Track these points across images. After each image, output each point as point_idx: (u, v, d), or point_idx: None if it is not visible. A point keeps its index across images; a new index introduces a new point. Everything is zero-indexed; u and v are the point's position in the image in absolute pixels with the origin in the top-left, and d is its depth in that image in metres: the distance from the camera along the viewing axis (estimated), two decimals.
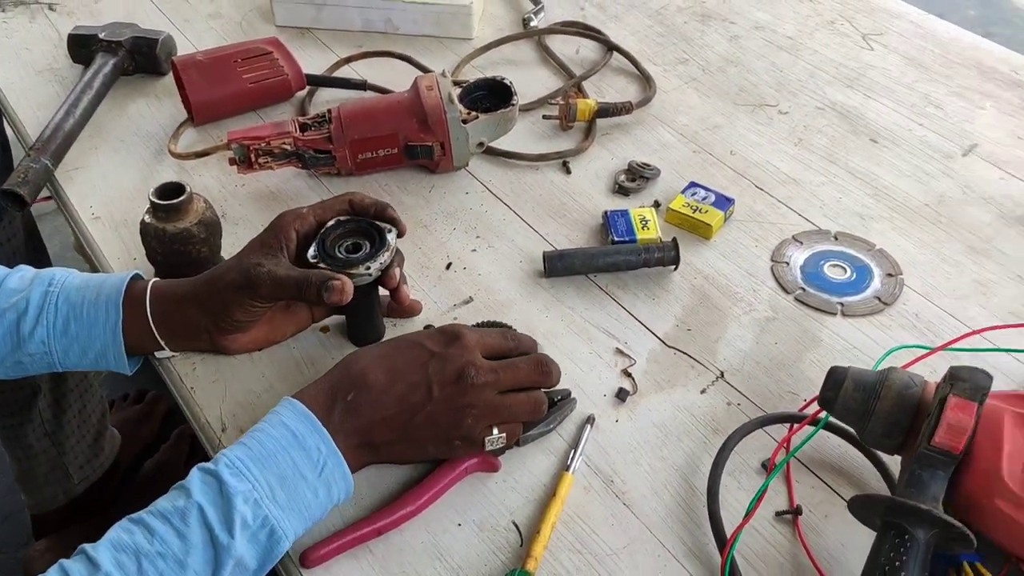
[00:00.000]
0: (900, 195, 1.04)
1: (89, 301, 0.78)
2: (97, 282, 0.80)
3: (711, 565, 0.70)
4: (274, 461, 0.65)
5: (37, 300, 0.78)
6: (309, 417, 0.67)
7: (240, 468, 0.64)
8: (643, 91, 1.20)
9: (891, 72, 1.23)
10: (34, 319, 0.77)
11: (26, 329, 0.77)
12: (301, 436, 0.66)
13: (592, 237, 0.99)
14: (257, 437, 0.66)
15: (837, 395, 0.70)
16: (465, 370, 0.70)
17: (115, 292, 0.78)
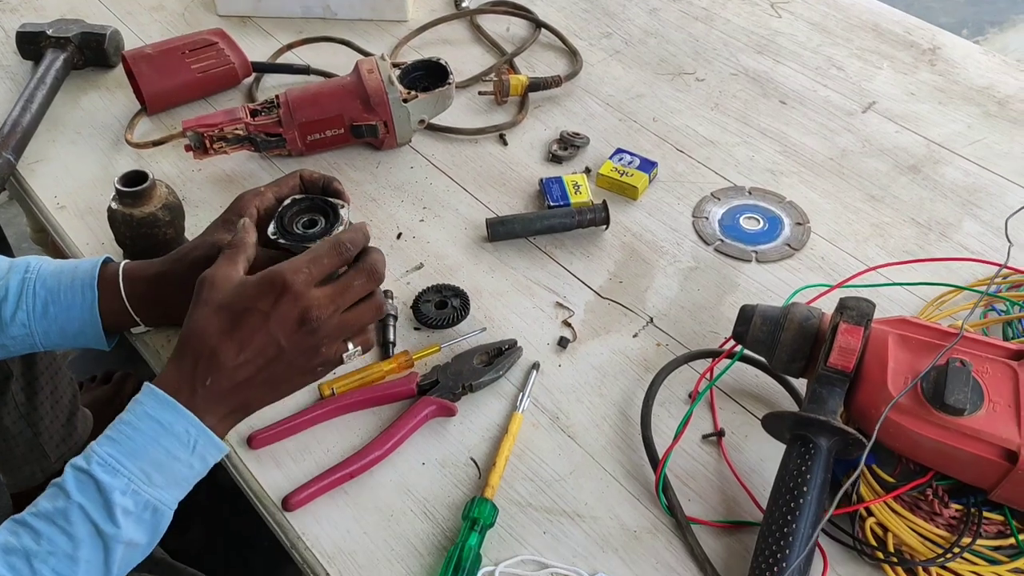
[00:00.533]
0: (807, 151, 1.14)
1: (65, 285, 0.84)
2: (71, 267, 0.85)
3: (647, 483, 0.80)
4: (146, 452, 0.68)
5: (16, 287, 0.83)
6: (173, 405, 0.69)
7: (113, 464, 0.66)
8: (571, 65, 1.28)
9: (797, 37, 1.33)
10: (14, 304, 0.82)
11: (7, 314, 0.82)
12: (168, 424, 0.69)
13: (530, 203, 1.07)
14: (126, 432, 0.68)
15: (748, 329, 0.80)
16: (304, 315, 0.71)
17: (89, 275, 0.84)
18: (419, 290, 0.96)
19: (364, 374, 0.87)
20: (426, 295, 0.95)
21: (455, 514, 0.78)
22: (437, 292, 0.95)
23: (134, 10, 1.37)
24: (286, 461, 0.81)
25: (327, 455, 0.82)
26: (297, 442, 0.83)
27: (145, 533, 0.68)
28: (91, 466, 0.66)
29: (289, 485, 0.79)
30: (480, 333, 0.92)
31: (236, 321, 0.71)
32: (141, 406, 0.70)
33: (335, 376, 0.87)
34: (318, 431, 0.84)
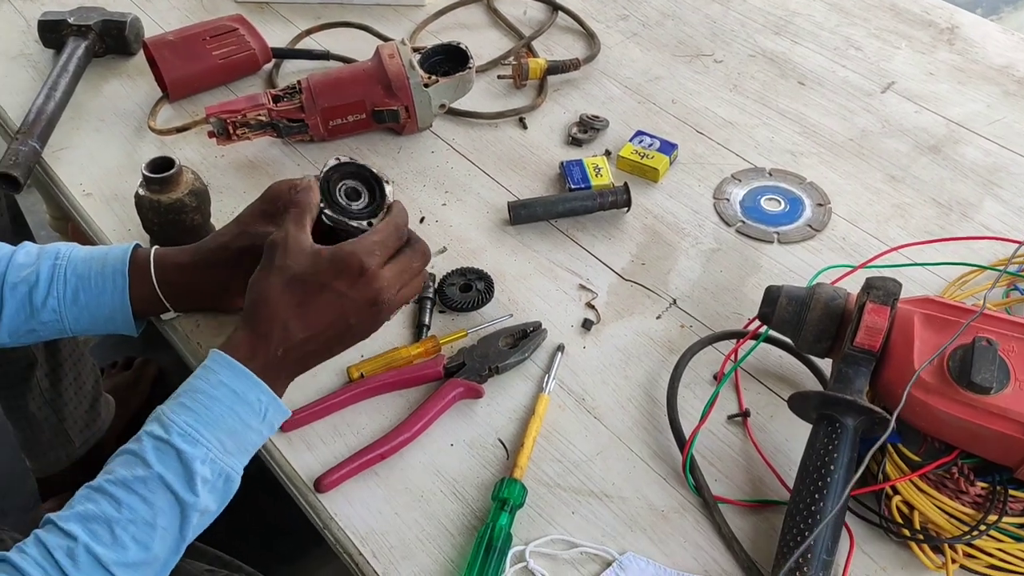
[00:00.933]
0: (826, 132, 1.14)
1: (96, 272, 0.84)
2: (101, 254, 0.86)
3: (674, 464, 0.81)
4: (222, 421, 0.69)
5: (46, 273, 0.84)
6: (246, 374, 0.71)
7: (192, 435, 0.68)
8: (588, 48, 1.28)
9: (815, 18, 1.33)
10: (45, 291, 0.83)
11: (38, 300, 0.83)
12: (242, 393, 0.70)
13: (551, 186, 1.08)
14: (202, 401, 0.69)
15: (773, 310, 0.80)
16: (377, 297, 0.74)
17: (120, 262, 0.85)
18: (443, 273, 0.96)
19: (392, 357, 0.88)
20: (450, 278, 0.96)
21: (484, 495, 0.79)
22: (461, 275, 0.96)
23: None
24: (316, 443, 0.82)
25: (357, 437, 0.83)
26: (327, 424, 0.84)
27: (217, 500, 0.69)
28: (171, 436, 0.67)
29: (320, 467, 0.80)
30: (507, 319, 0.92)
31: (312, 296, 0.73)
32: (215, 375, 0.70)
33: (363, 359, 0.88)
34: (347, 413, 0.85)
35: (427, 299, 0.93)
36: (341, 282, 0.73)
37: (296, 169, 1.09)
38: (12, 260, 0.84)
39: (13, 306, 0.83)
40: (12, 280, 0.83)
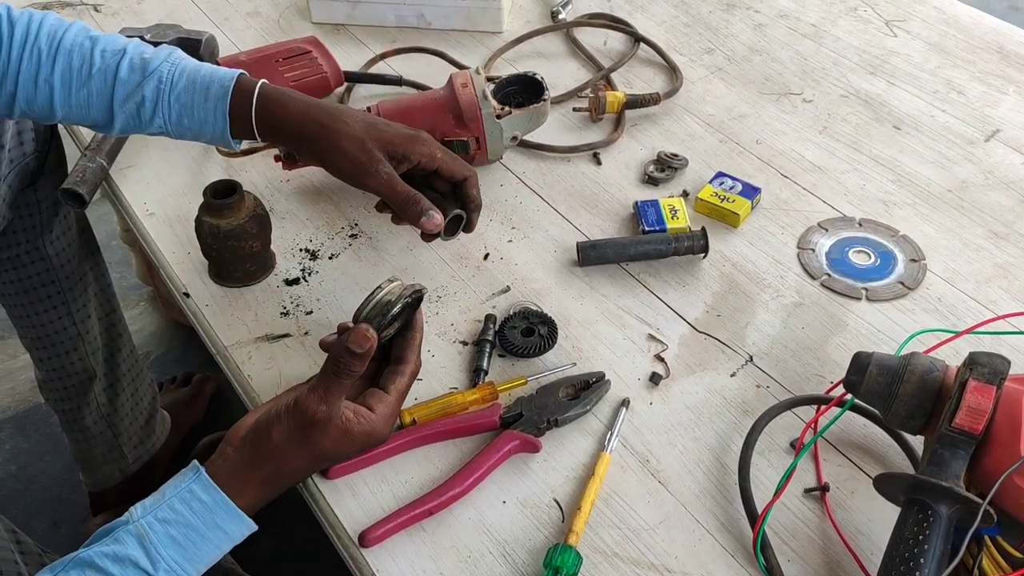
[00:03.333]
0: (923, 181, 1.07)
1: (199, 104, 0.86)
2: (203, 86, 0.87)
3: (743, 539, 0.74)
4: (206, 557, 0.71)
5: (151, 96, 0.86)
6: (244, 520, 0.72)
7: (177, 571, 0.69)
8: (670, 82, 1.23)
9: (914, 58, 1.25)
10: (151, 111, 0.87)
11: (146, 117, 0.87)
12: (231, 532, 0.71)
13: (623, 227, 1.03)
14: (193, 539, 0.70)
15: (862, 379, 0.74)
16: (380, 440, 0.78)
17: (222, 102, 0.86)
18: (505, 315, 0.92)
19: (447, 402, 0.84)
20: (512, 321, 0.91)
21: (536, 558, 0.73)
22: (524, 318, 0.91)
23: (231, 16, 1.37)
24: (363, 492, 0.78)
25: (405, 487, 0.79)
26: (375, 472, 0.79)
27: None
28: (158, 573, 0.68)
29: (365, 517, 0.76)
30: (570, 368, 0.87)
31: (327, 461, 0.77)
32: (212, 515, 0.71)
33: (416, 403, 0.84)
34: (397, 461, 0.80)
35: (487, 341, 0.89)
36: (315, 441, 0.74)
37: (361, 197, 1.06)
38: (118, 75, 0.86)
39: (123, 118, 0.87)
40: (120, 97, 0.86)
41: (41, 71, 0.86)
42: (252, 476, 0.72)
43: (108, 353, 1.32)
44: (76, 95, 0.87)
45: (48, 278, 1.20)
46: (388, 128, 0.88)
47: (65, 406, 1.31)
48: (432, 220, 0.86)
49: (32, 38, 0.86)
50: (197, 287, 0.96)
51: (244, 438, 0.74)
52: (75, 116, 0.89)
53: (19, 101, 0.87)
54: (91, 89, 0.87)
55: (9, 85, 0.87)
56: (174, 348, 1.77)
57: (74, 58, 0.86)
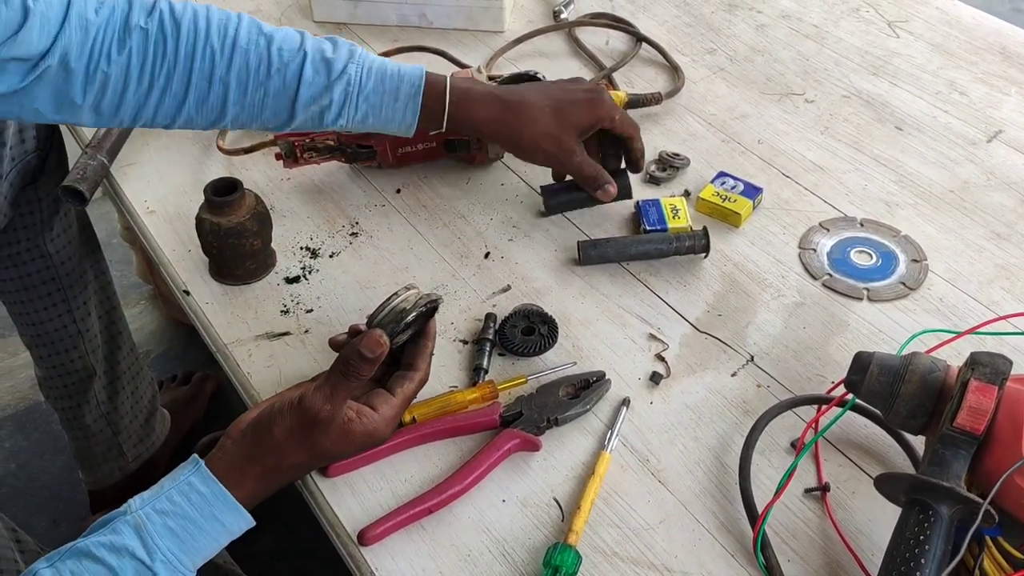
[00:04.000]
0: (925, 182, 1.06)
1: (388, 104, 0.87)
2: (393, 84, 0.87)
3: (743, 539, 0.74)
4: (203, 549, 0.71)
5: (339, 98, 0.86)
6: (243, 514, 0.72)
7: (175, 564, 0.68)
8: (672, 81, 1.23)
9: (916, 59, 1.25)
10: (336, 113, 0.87)
11: (329, 120, 0.87)
12: (230, 525, 0.71)
13: (624, 226, 1.02)
14: (191, 531, 0.69)
15: (863, 379, 0.73)
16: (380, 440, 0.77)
17: (413, 100, 0.87)
18: (505, 314, 0.92)
19: (446, 402, 0.83)
20: (512, 320, 0.91)
21: (535, 557, 0.73)
22: (524, 317, 0.91)
23: None
24: (363, 490, 0.78)
25: (404, 485, 0.78)
26: (375, 470, 0.79)
27: None
28: (154, 563, 0.68)
29: (364, 515, 0.76)
30: (570, 367, 0.87)
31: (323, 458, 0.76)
32: (210, 507, 0.70)
33: (416, 402, 0.84)
34: (396, 460, 0.80)
35: (487, 340, 0.89)
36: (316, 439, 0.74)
37: (362, 195, 1.06)
38: (302, 76, 0.85)
39: (303, 119, 0.87)
40: (305, 99, 0.85)
41: (216, 70, 0.83)
42: (251, 469, 0.72)
43: (108, 351, 1.32)
44: (252, 95, 0.85)
45: (48, 275, 1.20)
46: (573, 110, 0.92)
47: (65, 404, 1.31)
48: (607, 192, 0.95)
49: (203, 35, 0.83)
50: (197, 285, 0.96)
51: (244, 431, 0.74)
52: (244, 117, 0.86)
53: (189, 103, 0.84)
54: (268, 90, 0.84)
55: (177, 85, 0.83)
56: (175, 346, 1.77)
57: (251, 57, 0.84)
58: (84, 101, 0.81)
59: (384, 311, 0.77)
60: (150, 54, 0.82)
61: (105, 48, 0.80)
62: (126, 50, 0.81)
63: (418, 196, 1.06)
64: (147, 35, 0.81)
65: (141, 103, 0.83)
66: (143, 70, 0.82)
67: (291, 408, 0.73)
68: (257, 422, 0.74)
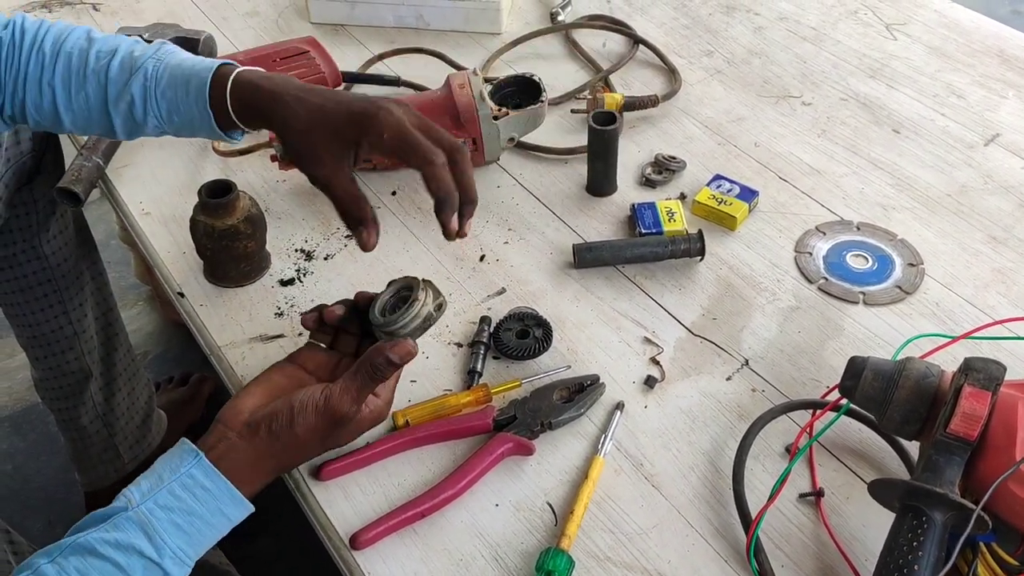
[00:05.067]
0: (922, 185, 1.06)
1: (181, 98, 0.83)
2: (184, 80, 0.82)
3: (736, 544, 0.74)
4: (209, 542, 0.71)
5: (139, 93, 0.83)
6: (244, 505, 0.71)
7: (182, 558, 0.68)
8: (669, 84, 1.22)
9: (914, 62, 1.25)
10: (142, 109, 0.84)
11: (139, 116, 0.85)
12: (234, 518, 0.71)
13: (620, 229, 1.02)
14: (198, 526, 0.69)
15: (857, 384, 0.73)
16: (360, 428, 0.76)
17: (202, 95, 0.81)
18: (500, 317, 0.91)
19: (439, 405, 0.83)
20: (507, 323, 0.91)
21: (528, 562, 0.73)
22: (519, 320, 0.91)
23: (229, 15, 1.37)
24: (355, 494, 0.78)
25: (398, 489, 0.78)
26: (368, 474, 0.79)
27: None
28: (163, 560, 0.67)
29: (357, 519, 0.76)
30: (564, 371, 0.87)
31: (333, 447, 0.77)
32: (216, 501, 0.70)
33: (410, 404, 0.84)
34: (389, 463, 0.80)
35: (481, 343, 0.88)
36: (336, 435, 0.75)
37: None
38: (108, 75, 0.84)
39: (120, 120, 0.85)
40: (113, 96, 0.84)
41: (44, 74, 0.85)
42: (264, 465, 0.73)
43: (104, 352, 1.32)
44: (76, 98, 0.85)
45: (44, 277, 1.20)
46: (336, 111, 0.78)
47: (61, 405, 1.30)
48: (361, 238, 0.79)
49: (39, 42, 0.85)
50: (192, 287, 0.96)
51: (252, 426, 0.73)
52: (80, 122, 0.87)
53: (29, 109, 0.86)
54: (88, 93, 0.85)
55: (19, 92, 0.86)
56: (172, 348, 1.76)
57: (73, 59, 0.85)
58: None
59: (409, 317, 0.76)
60: (2, 59, 0.85)
61: None
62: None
63: (413, 198, 1.06)
64: (1, 42, 0.85)
65: (7, 107, 0.86)
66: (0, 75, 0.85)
67: (317, 410, 0.73)
68: (272, 418, 0.73)
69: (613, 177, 1.06)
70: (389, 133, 0.76)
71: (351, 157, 0.79)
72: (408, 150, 0.77)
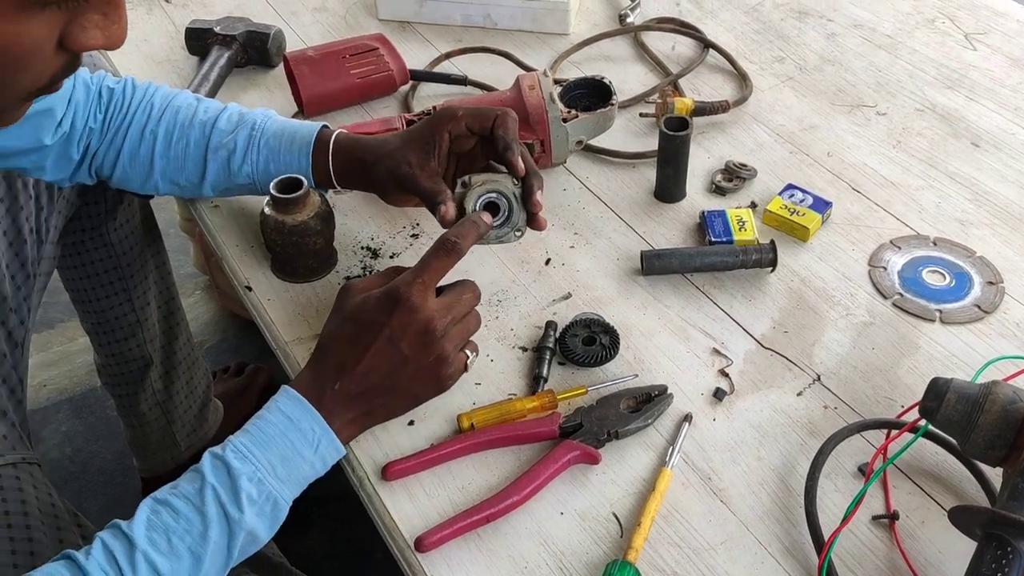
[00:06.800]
0: (1002, 201, 1.03)
1: (284, 148, 0.93)
2: (291, 131, 0.94)
3: (807, 564, 0.72)
4: (274, 443, 0.72)
5: (243, 143, 0.93)
6: (303, 403, 0.74)
7: (244, 452, 0.71)
8: (739, 90, 1.20)
9: (994, 73, 1.21)
10: (241, 158, 0.93)
11: (235, 166, 0.94)
12: (297, 420, 0.73)
13: (689, 237, 1.01)
14: (258, 424, 0.73)
15: (939, 406, 0.71)
16: (427, 326, 0.75)
17: (306, 144, 0.93)
18: (566, 321, 0.90)
19: (505, 409, 0.83)
20: (573, 328, 0.90)
21: (593, 573, 0.72)
22: (585, 327, 0.90)
23: (298, 10, 1.38)
24: (420, 495, 0.77)
25: (462, 493, 0.78)
26: (432, 476, 0.79)
27: (264, 525, 0.71)
28: (225, 452, 0.71)
29: (421, 521, 0.75)
30: (631, 379, 0.86)
31: (363, 332, 0.76)
32: (275, 403, 0.74)
33: (475, 407, 0.83)
34: (454, 466, 0.80)
35: (547, 348, 0.88)
36: (383, 314, 0.76)
37: None
38: (216, 125, 0.94)
39: (215, 168, 0.94)
40: (215, 144, 0.93)
41: (149, 122, 0.94)
42: (315, 370, 0.77)
43: (166, 341, 1.34)
44: (175, 146, 0.94)
45: (110, 264, 1.22)
46: (417, 129, 0.89)
47: (122, 391, 1.32)
48: (440, 212, 0.84)
49: (148, 96, 0.95)
50: (259, 281, 0.97)
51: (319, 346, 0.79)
52: (171, 171, 0.95)
53: (123, 157, 0.94)
54: (190, 139, 0.93)
55: (119, 139, 0.94)
56: (228, 337, 1.78)
57: (181, 112, 0.94)
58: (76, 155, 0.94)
59: None
60: (111, 109, 0.94)
61: (92, 108, 0.93)
62: (103, 107, 0.94)
63: None
64: (112, 93, 0.95)
65: (100, 156, 0.95)
66: (105, 123, 0.94)
67: (376, 295, 0.77)
68: (317, 344, 0.79)
69: (683, 183, 1.05)
70: (462, 112, 0.87)
71: (435, 154, 0.87)
72: (481, 113, 0.87)
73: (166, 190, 0.98)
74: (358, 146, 0.93)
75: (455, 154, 0.90)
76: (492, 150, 0.87)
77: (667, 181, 1.04)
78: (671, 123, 1.02)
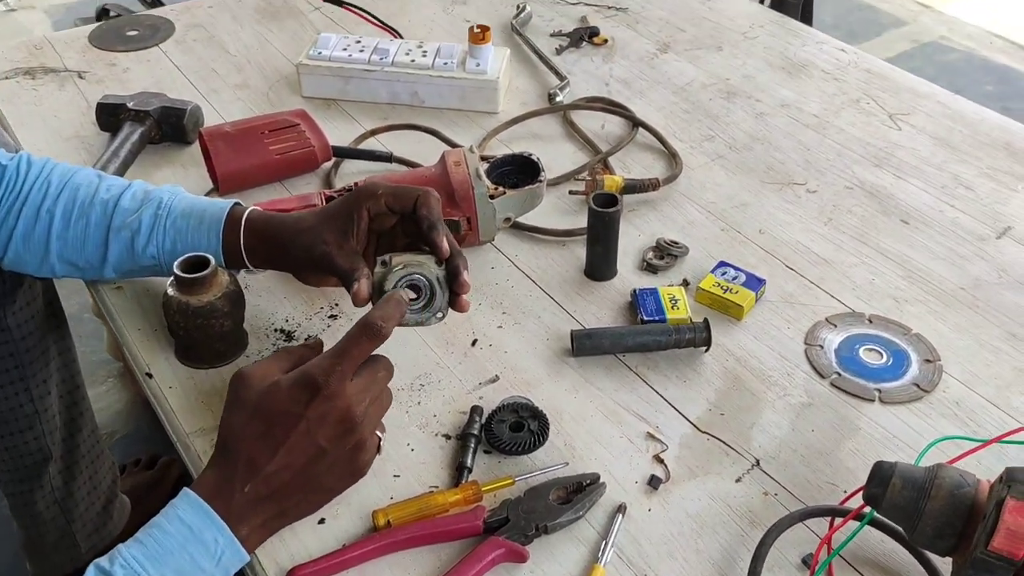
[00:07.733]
0: (935, 278, 1.02)
1: (193, 227, 0.88)
2: (199, 211, 0.89)
3: None
4: (171, 558, 0.65)
5: (148, 222, 0.88)
6: (205, 510, 0.67)
7: (135, 568, 0.64)
8: (669, 167, 1.19)
9: (920, 152, 1.22)
10: (146, 238, 0.88)
11: (139, 246, 0.88)
12: (198, 530, 0.67)
13: (620, 316, 0.97)
14: (154, 535, 0.66)
15: (884, 492, 0.67)
16: (345, 415, 0.70)
17: (216, 223, 0.88)
18: (493, 406, 0.85)
19: (425, 503, 0.76)
20: (500, 414, 0.84)
21: None
22: (513, 411, 0.84)
23: (218, 87, 1.34)
24: None
25: None
26: None
27: None
28: (113, 567, 0.64)
29: None
30: (562, 468, 0.80)
31: (272, 425, 0.70)
32: (174, 509, 0.68)
33: (392, 502, 0.77)
34: (368, 568, 0.72)
35: (472, 436, 0.82)
36: (299, 404, 0.69)
37: None
38: (119, 204, 0.88)
39: (117, 249, 0.88)
40: (117, 224, 0.88)
41: (46, 201, 0.89)
42: (220, 471, 0.70)
43: (67, 433, 1.24)
44: (75, 226, 0.88)
45: (6, 351, 1.13)
46: (335, 206, 0.85)
47: (15, 489, 1.21)
48: (354, 291, 0.79)
49: (45, 173, 0.90)
50: (161, 367, 0.90)
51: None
52: (69, 252, 0.89)
53: (16, 238, 0.89)
54: (89, 219, 0.88)
55: (11, 220, 0.89)
56: (142, 427, 1.68)
57: (80, 190, 0.89)
58: None
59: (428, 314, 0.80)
60: (4, 187, 0.89)
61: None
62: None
63: None
64: (4, 170, 0.89)
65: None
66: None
67: (285, 381, 0.71)
68: (218, 438, 0.72)
69: (613, 261, 1.01)
70: (382, 189, 0.83)
71: (353, 233, 0.82)
72: (402, 193, 0.83)
73: (64, 272, 0.91)
74: (271, 224, 0.88)
75: (375, 232, 0.85)
76: (414, 229, 0.83)
77: (597, 259, 1.01)
78: (600, 200, 0.99)
